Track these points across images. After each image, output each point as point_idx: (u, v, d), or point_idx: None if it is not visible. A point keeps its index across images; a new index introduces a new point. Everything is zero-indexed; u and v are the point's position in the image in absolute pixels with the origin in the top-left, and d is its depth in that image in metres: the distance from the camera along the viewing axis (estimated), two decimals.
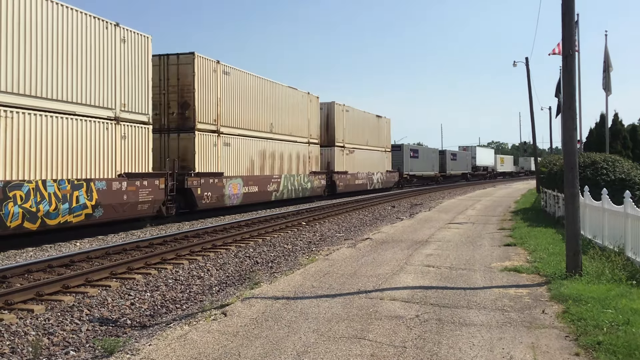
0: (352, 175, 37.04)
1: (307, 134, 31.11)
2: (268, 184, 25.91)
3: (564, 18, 8.99)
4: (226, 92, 22.90)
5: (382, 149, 44.18)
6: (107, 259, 11.90)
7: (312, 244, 15.03)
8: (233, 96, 23.53)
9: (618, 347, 5.28)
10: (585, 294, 7.25)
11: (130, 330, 7.31)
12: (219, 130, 22.30)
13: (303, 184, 29.85)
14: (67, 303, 8.40)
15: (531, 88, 35.60)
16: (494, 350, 5.45)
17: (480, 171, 78.07)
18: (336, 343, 5.71)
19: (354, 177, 37.54)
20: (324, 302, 7.42)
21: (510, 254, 11.41)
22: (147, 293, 9.27)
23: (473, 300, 7.50)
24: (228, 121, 23.03)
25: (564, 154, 9.30)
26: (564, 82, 9.22)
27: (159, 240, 14.30)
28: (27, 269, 10.38)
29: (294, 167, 29.06)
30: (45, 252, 13.17)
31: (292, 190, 28.50)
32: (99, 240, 15.28)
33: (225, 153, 22.71)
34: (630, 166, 16.44)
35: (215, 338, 5.95)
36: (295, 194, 28.92)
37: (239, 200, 23.26)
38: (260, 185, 25.13)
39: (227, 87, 23.01)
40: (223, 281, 10.45)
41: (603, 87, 22.57)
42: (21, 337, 6.93)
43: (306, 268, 10.00)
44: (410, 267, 10.03)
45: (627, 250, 9.60)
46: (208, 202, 21.01)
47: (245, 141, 24.30)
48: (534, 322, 6.39)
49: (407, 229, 16.59)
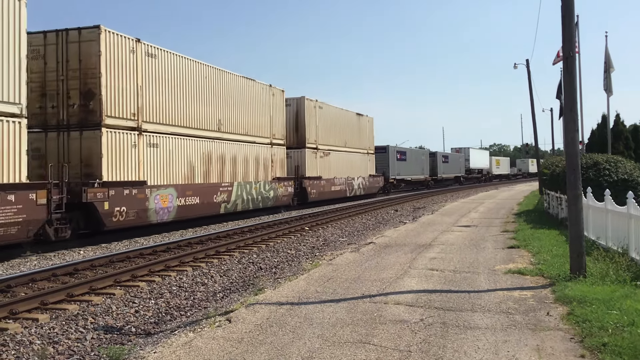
0: (327, 181, 32.73)
1: (270, 134, 26.58)
2: (215, 194, 21.38)
3: (563, 20, 9.01)
4: (152, 79, 18.23)
5: (364, 151, 39.93)
6: (111, 267, 11.92)
7: (316, 248, 15.03)
8: (163, 85, 18.81)
9: (623, 349, 5.27)
10: (590, 296, 7.24)
11: (135, 338, 7.31)
12: (140, 128, 17.57)
13: (264, 193, 25.42)
14: (71, 312, 8.41)
15: (532, 90, 35.70)
16: (499, 353, 5.44)
17: (475, 174, 75.15)
18: (341, 348, 5.71)
19: (330, 182, 33.20)
20: (328, 307, 7.42)
21: (514, 257, 11.40)
22: (151, 300, 9.28)
23: (477, 303, 7.49)
24: (155, 116, 18.36)
25: (566, 156, 9.30)
26: (564, 84, 9.23)
27: (162, 248, 14.32)
28: (31, 278, 10.40)
29: (251, 172, 24.63)
30: (49, 261, 13.20)
31: (249, 200, 24.07)
32: (102, 248, 15.31)
33: (151, 156, 18.05)
34: (632, 167, 16.45)
35: (220, 345, 5.95)
36: (254, 204, 24.54)
37: (172, 215, 18.74)
38: (204, 196, 20.62)
39: (154, 72, 18.35)
40: (227, 287, 10.45)
41: (604, 88, 22.59)
42: (26, 346, 6.94)
43: (310, 273, 10.00)
44: (414, 270, 10.02)
45: (631, 250, 9.58)
46: (122, 220, 16.44)
47: (182, 142, 19.74)
48: (539, 325, 6.38)
49: (411, 232, 16.58)
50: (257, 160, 25.35)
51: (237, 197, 23.04)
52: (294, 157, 30.04)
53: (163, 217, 18.33)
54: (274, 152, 27.04)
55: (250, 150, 24.76)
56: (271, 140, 26.75)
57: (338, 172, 34.59)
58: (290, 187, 28.29)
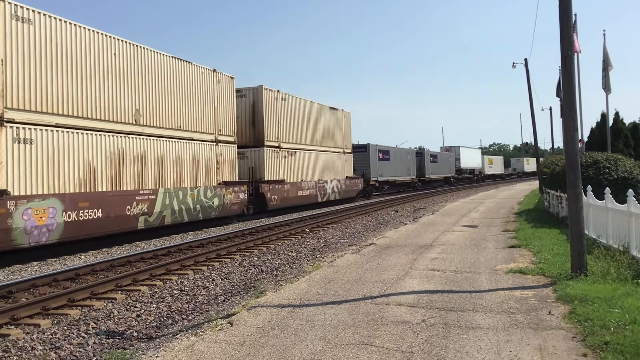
0: (292, 185, 28.27)
1: (214, 129, 21.95)
2: (129, 205, 16.86)
3: (561, 19, 9.03)
4: (24, 51, 13.80)
5: (340, 150, 35.60)
6: (112, 272, 11.92)
7: (317, 250, 15.03)
8: (44, 60, 14.36)
9: (625, 347, 5.27)
10: (591, 294, 7.24)
11: (137, 343, 7.31)
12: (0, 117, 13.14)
13: (205, 201, 20.74)
14: (73, 317, 8.41)
15: (531, 89, 35.79)
16: (501, 353, 5.44)
17: (466, 174, 70.94)
18: (343, 350, 5.71)
19: (296, 187, 28.77)
20: (330, 309, 7.42)
21: (515, 256, 11.40)
22: (152, 304, 9.28)
23: (479, 303, 7.49)
24: (28, 102, 13.86)
25: (566, 154, 9.31)
26: (563, 83, 9.25)
27: (163, 252, 14.32)
28: (33, 284, 10.40)
29: (187, 176, 19.96)
30: (50, 266, 13.20)
31: (183, 210, 19.31)
32: (103, 253, 15.31)
33: (21, 156, 13.56)
34: (632, 164, 16.44)
35: (222, 348, 5.95)
36: (190, 215, 19.76)
37: (55, 234, 14.22)
38: (110, 208, 16.08)
39: (28, 43, 13.91)
40: (228, 290, 10.45)
41: (603, 87, 22.58)
42: (28, 352, 6.94)
43: (311, 275, 10.00)
44: (415, 271, 10.02)
45: (632, 248, 9.58)
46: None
47: (76, 137, 15.24)
48: (541, 324, 6.38)
49: (411, 233, 16.58)
50: (196, 161, 20.65)
51: (164, 208, 18.44)
52: (250, 157, 25.88)
53: (40, 238, 13.77)
54: (220, 151, 22.25)
55: (186, 148, 20.06)
56: (216, 136, 22.09)
57: (307, 175, 30.28)
58: (242, 193, 23.58)
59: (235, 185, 23.09)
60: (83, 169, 15.51)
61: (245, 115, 26.17)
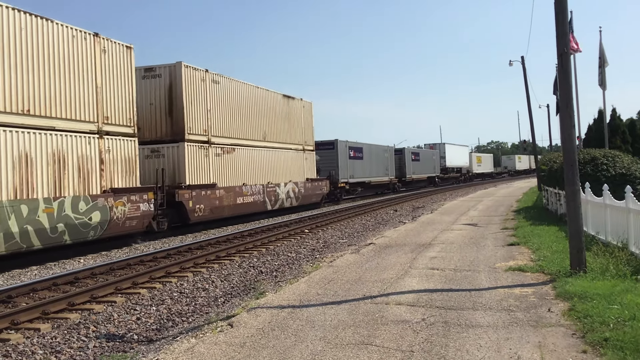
0: (227, 191, 22.29)
1: (95, 116, 16.06)
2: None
3: (557, 16, 9.05)
4: None
5: (298, 147, 30.03)
6: (112, 275, 11.91)
7: (316, 251, 15.03)
8: None
9: (625, 343, 5.28)
10: (591, 291, 7.25)
11: (137, 345, 7.31)
12: None
13: (75, 217, 14.74)
14: (73, 320, 8.41)
15: (528, 86, 35.78)
16: (502, 351, 5.45)
17: (453, 173, 65.63)
18: (343, 350, 5.71)
19: (234, 192, 22.79)
20: (330, 309, 7.42)
21: (514, 254, 11.42)
22: (152, 307, 9.27)
23: (479, 301, 7.50)
24: None
25: (564, 152, 9.33)
26: (560, 80, 9.26)
27: (162, 254, 14.31)
28: (32, 288, 10.39)
29: (39, 182, 13.95)
30: (50, 270, 13.18)
31: (28, 233, 13.31)
32: (102, 256, 15.30)
33: None
34: (630, 161, 16.48)
35: (222, 350, 5.95)
36: (46, 240, 13.81)
37: None
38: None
39: None
40: (228, 292, 10.45)
41: (599, 83, 22.61)
42: (29, 356, 6.93)
43: (311, 276, 10.00)
44: (415, 270, 10.03)
45: (631, 245, 9.60)
46: None
47: None
48: (540, 321, 6.39)
49: (410, 232, 16.59)
50: (61, 160, 14.74)
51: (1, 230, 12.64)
52: (167, 155, 20.20)
53: None
54: (107, 147, 16.44)
55: (40, 142, 14.12)
56: (99, 126, 16.20)
57: (251, 177, 24.57)
58: (147, 203, 17.55)
59: (133, 193, 17.05)
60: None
61: (159, 101, 20.51)
